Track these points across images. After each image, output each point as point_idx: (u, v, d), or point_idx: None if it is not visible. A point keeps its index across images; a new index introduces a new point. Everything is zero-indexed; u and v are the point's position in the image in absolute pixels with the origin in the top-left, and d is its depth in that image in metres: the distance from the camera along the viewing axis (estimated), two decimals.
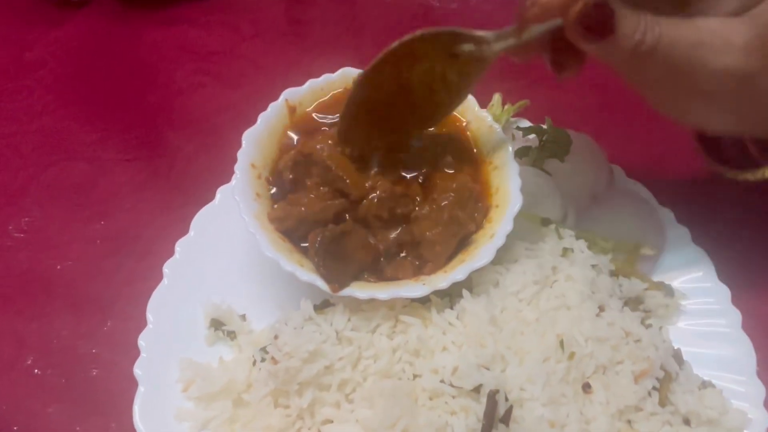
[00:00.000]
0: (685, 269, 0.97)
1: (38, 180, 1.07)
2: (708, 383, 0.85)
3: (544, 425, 0.70)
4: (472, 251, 0.84)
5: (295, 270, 0.79)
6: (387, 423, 0.67)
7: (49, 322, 0.92)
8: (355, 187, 0.84)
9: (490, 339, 0.76)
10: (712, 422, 0.81)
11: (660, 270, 0.98)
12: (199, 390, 0.81)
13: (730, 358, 0.89)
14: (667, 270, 0.97)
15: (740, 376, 0.87)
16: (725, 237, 1.01)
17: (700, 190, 1.09)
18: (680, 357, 0.86)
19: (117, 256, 0.98)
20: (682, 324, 0.93)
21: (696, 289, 0.95)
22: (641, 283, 0.92)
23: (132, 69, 1.22)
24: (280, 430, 0.75)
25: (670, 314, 0.93)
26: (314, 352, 0.76)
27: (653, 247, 0.98)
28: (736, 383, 0.87)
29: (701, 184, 1.10)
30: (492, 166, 0.92)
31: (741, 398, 0.85)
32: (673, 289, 0.94)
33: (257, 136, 0.90)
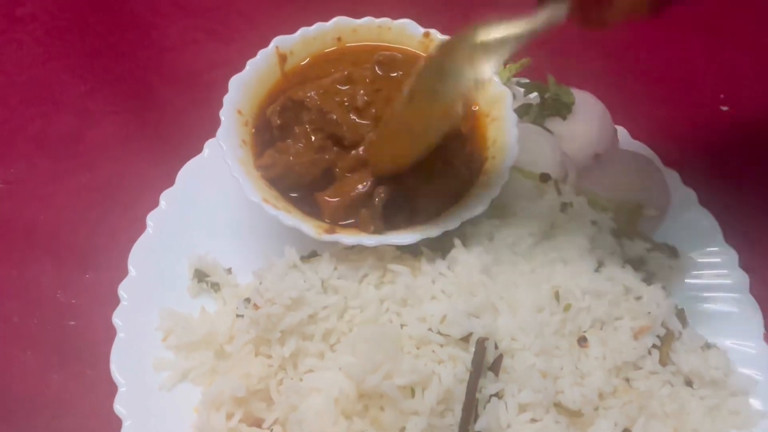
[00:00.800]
0: (691, 231, 0.94)
1: (25, 131, 1.05)
2: (712, 345, 0.81)
3: (535, 375, 0.67)
4: (465, 202, 0.80)
5: (278, 215, 0.76)
6: (369, 368, 0.64)
7: (29, 271, 0.90)
8: (350, 131, 0.81)
9: (482, 289, 0.73)
10: (716, 383, 0.78)
11: (664, 232, 0.94)
12: (179, 339, 0.78)
13: (736, 322, 0.87)
14: (672, 232, 0.94)
15: (747, 340, 0.85)
16: (733, 200, 0.99)
17: (708, 152, 1.06)
18: (684, 317, 0.83)
19: (101, 207, 0.96)
20: (687, 286, 0.89)
21: (702, 251, 0.92)
22: (644, 243, 0.88)
23: (124, 24, 1.19)
24: (261, 379, 0.72)
25: (673, 276, 0.89)
26: (297, 299, 0.73)
27: (657, 208, 0.94)
28: (742, 347, 0.84)
29: (710, 146, 1.07)
30: (490, 119, 0.89)
31: (747, 362, 0.82)
32: (678, 250, 0.90)
33: (245, 82, 0.87)
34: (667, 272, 0.89)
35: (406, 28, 0.94)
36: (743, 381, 0.79)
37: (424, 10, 1.02)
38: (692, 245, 0.92)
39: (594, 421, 0.68)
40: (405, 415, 0.65)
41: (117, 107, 1.07)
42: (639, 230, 0.91)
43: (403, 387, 0.65)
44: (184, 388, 0.78)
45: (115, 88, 1.10)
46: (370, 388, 0.64)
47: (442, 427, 0.65)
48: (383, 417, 0.65)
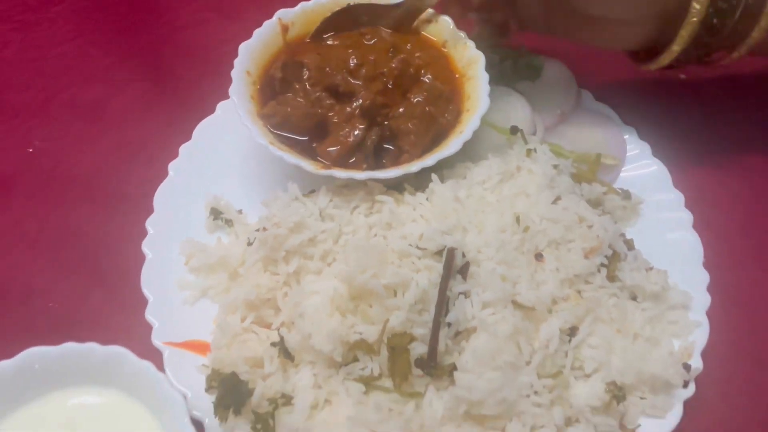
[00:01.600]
0: (644, 178, 1.06)
1: (59, 98, 1.18)
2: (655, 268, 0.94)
3: (496, 279, 0.79)
4: (443, 146, 0.94)
5: (283, 155, 0.90)
6: (358, 270, 0.77)
7: (71, 212, 1.03)
8: (344, 83, 0.94)
9: (454, 213, 0.86)
10: (656, 297, 0.90)
11: (622, 181, 1.07)
12: (198, 262, 0.91)
13: (679, 251, 0.97)
14: (628, 180, 1.06)
15: (687, 266, 0.96)
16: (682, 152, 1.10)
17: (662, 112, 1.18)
18: (631, 244, 0.95)
19: (129, 160, 1.09)
20: (637, 221, 1.01)
21: (653, 194, 1.04)
22: (601, 187, 1.01)
23: (142, 6, 1.32)
24: (269, 289, 0.85)
25: (627, 216, 1.02)
26: (299, 223, 0.86)
27: (614, 157, 1.07)
28: (683, 271, 0.95)
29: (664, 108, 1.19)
30: (466, 78, 1.02)
31: (686, 283, 0.94)
32: (631, 193, 1.03)
33: (252, 47, 1.00)
34: (621, 211, 1.02)
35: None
36: (681, 296, 0.91)
37: None
38: (645, 189, 1.04)
39: (546, 318, 0.81)
40: (389, 311, 0.78)
41: (138, 76, 1.20)
42: (597, 176, 1.04)
43: (387, 286, 0.77)
44: (204, 303, 0.91)
45: (136, 60, 1.23)
46: (360, 286, 0.77)
47: (420, 322, 0.78)
48: (371, 312, 0.78)
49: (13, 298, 0.95)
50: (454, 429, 0.76)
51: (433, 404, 0.76)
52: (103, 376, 0.76)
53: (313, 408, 0.77)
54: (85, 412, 0.75)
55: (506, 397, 0.74)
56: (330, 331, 0.76)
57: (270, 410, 0.77)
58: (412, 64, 1.01)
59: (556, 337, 0.79)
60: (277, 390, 0.78)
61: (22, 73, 1.22)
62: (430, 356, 0.76)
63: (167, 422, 0.74)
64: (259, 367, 0.80)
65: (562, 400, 0.79)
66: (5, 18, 1.30)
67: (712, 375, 0.88)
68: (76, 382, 0.76)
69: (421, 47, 1.05)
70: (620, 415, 0.82)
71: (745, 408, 0.89)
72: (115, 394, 0.76)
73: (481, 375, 0.74)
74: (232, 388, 0.78)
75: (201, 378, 0.82)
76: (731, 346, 0.92)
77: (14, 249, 1.00)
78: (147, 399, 0.75)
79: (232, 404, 0.77)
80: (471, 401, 0.74)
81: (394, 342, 0.76)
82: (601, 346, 0.83)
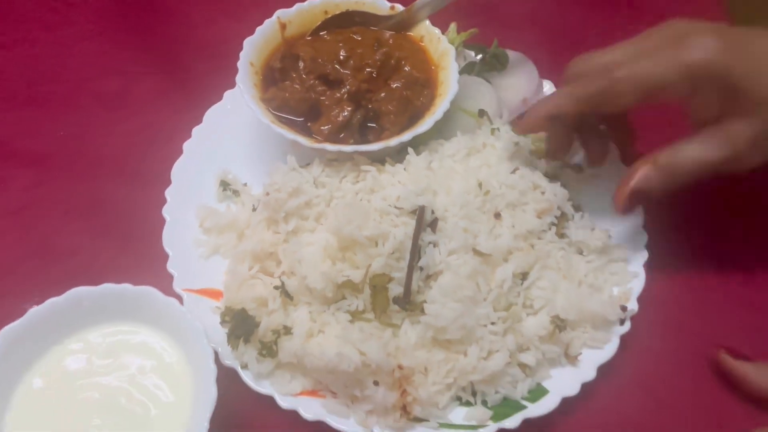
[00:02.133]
0: None
1: (84, 88, 1.33)
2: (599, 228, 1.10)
3: (459, 231, 0.95)
4: (418, 125, 1.10)
5: (282, 132, 1.06)
6: (345, 223, 0.92)
7: (96, 185, 1.19)
8: (334, 72, 1.11)
9: (426, 180, 1.01)
10: (600, 252, 1.05)
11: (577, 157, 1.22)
12: (211, 223, 1.07)
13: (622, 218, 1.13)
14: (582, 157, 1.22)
15: (629, 226, 1.10)
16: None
17: None
18: (579, 207, 1.11)
19: (148, 141, 1.24)
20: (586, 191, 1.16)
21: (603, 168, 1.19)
22: (557, 163, 1.17)
23: (155, 7, 1.47)
24: (272, 244, 1.00)
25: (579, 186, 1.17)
26: (297, 188, 1.01)
27: None
28: (625, 231, 1.08)
29: None
30: (440, 68, 1.18)
31: (628, 241, 1.07)
32: (583, 167, 1.18)
33: (255, 42, 1.16)
34: (575, 182, 1.18)
35: (376, 2, 1.23)
36: (621, 251, 1.07)
37: None
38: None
39: (501, 264, 0.97)
40: (371, 258, 0.93)
41: (155, 69, 1.35)
42: None
43: (370, 238, 0.93)
44: (216, 258, 1.06)
45: (152, 55, 1.38)
46: (347, 237, 0.93)
47: (397, 267, 0.93)
48: (356, 258, 0.94)
49: (54, 255, 1.11)
50: (425, 353, 0.92)
51: (407, 333, 0.92)
52: (135, 311, 0.90)
53: (309, 336, 0.93)
54: (121, 342, 0.91)
55: (466, 324, 0.90)
56: (322, 273, 0.92)
57: (274, 339, 0.93)
58: (393, 56, 1.17)
59: (509, 279, 0.95)
60: (279, 323, 0.94)
61: (51, 67, 1.38)
62: (405, 294, 0.92)
63: (190, 349, 0.89)
64: (264, 306, 0.96)
65: (514, 331, 0.95)
66: (34, 18, 1.46)
67: (646, 316, 1.02)
68: (114, 317, 0.91)
69: (402, 42, 1.22)
70: (565, 345, 0.98)
71: (672, 342, 1.04)
72: (145, 327, 0.91)
73: (444, 305, 0.90)
74: (242, 321, 0.94)
75: (214, 318, 0.98)
76: (664, 293, 1.06)
77: (52, 215, 1.16)
78: (172, 330, 0.90)
79: (242, 335, 0.93)
80: (437, 327, 0.90)
81: (375, 282, 0.92)
82: (549, 288, 0.98)
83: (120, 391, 0.87)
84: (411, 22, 1.21)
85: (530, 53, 1.31)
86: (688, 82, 0.83)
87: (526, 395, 0.95)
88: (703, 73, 0.81)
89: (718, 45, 0.81)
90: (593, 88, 0.90)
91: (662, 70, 0.84)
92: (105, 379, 0.88)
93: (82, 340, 0.91)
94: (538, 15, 1.50)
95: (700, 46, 0.82)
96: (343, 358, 0.86)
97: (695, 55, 0.81)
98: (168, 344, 0.91)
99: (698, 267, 1.12)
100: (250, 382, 0.93)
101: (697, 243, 1.13)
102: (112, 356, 0.90)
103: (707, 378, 1.01)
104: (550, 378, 0.97)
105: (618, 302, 1.01)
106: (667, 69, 0.84)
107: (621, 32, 1.44)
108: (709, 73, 0.82)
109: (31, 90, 1.35)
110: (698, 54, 0.82)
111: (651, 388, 1.00)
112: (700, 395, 0.99)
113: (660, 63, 0.84)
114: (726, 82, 0.81)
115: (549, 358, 0.96)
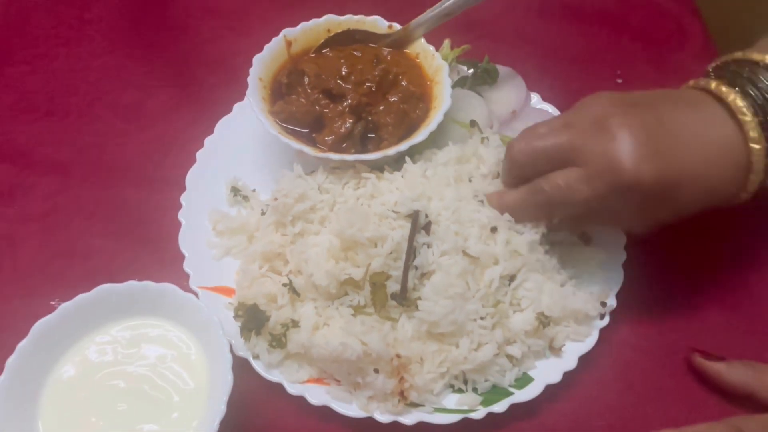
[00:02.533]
0: None
1: (101, 101, 1.41)
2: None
3: (451, 234, 1.03)
4: (414, 135, 1.19)
5: (289, 142, 1.15)
6: (347, 226, 1.01)
7: (116, 191, 1.27)
8: (337, 87, 1.20)
9: (421, 186, 1.10)
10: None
11: None
12: (223, 226, 1.15)
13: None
14: None
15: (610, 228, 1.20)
16: None
17: None
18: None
19: (163, 150, 1.32)
20: None
21: None
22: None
23: (167, 24, 1.55)
24: (280, 245, 1.09)
25: None
26: (302, 194, 1.10)
27: None
28: (606, 233, 1.16)
29: None
30: (434, 83, 1.27)
31: (608, 243, 1.15)
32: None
33: (263, 59, 1.25)
34: None
35: (376, 21, 1.33)
36: (601, 254, 1.16)
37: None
38: None
39: (490, 266, 1.06)
40: (371, 257, 1.01)
41: (168, 83, 1.43)
42: None
43: (370, 239, 1.02)
44: (228, 260, 1.14)
45: (165, 70, 1.46)
46: (349, 238, 1.01)
47: (394, 266, 1.01)
48: (357, 258, 1.02)
49: (77, 256, 1.19)
50: (420, 344, 1.01)
51: (404, 326, 1.01)
52: (157, 307, 0.98)
53: (315, 328, 1.01)
54: (144, 335, 0.99)
55: (457, 319, 0.98)
56: (327, 271, 1.01)
57: (283, 331, 1.01)
58: (391, 72, 1.26)
59: (497, 279, 1.03)
60: (288, 317, 1.03)
61: (70, 81, 1.46)
62: (402, 291, 1.01)
63: (206, 342, 0.97)
64: (274, 302, 1.05)
65: (502, 325, 1.03)
66: (52, 35, 1.54)
67: (624, 311, 1.11)
68: (137, 312, 0.98)
69: (399, 58, 1.30)
70: (549, 339, 1.07)
71: (648, 336, 1.12)
72: (166, 321, 0.99)
73: (436, 302, 0.98)
74: (254, 315, 1.02)
75: (227, 313, 1.06)
76: (642, 291, 1.14)
77: (74, 220, 1.24)
78: (190, 324, 0.98)
79: (253, 328, 1.02)
80: (430, 322, 0.99)
81: (374, 279, 1.01)
82: (534, 288, 1.06)
83: (143, 379, 0.95)
84: (407, 40, 1.30)
85: (519, 67, 1.40)
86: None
87: (513, 383, 1.03)
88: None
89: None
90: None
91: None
92: (129, 368, 0.96)
93: (108, 333, 0.99)
94: (527, 32, 1.59)
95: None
96: (347, 347, 0.95)
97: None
98: (186, 336, 0.99)
99: (673, 268, 1.20)
100: (261, 371, 1.02)
101: (673, 245, 1.20)
102: (135, 347, 0.98)
103: (682, 369, 1.09)
104: (535, 368, 1.05)
105: (598, 299, 1.10)
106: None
107: (605, 45, 1.57)
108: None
109: (52, 103, 1.43)
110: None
111: (629, 378, 1.09)
112: (676, 386, 1.08)
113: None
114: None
115: (534, 350, 1.05)
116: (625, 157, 0.84)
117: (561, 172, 0.91)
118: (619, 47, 1.57)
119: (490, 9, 1.42)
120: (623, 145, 0.84)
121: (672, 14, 1.60)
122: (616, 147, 0.85)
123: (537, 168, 0.95)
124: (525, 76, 1.39)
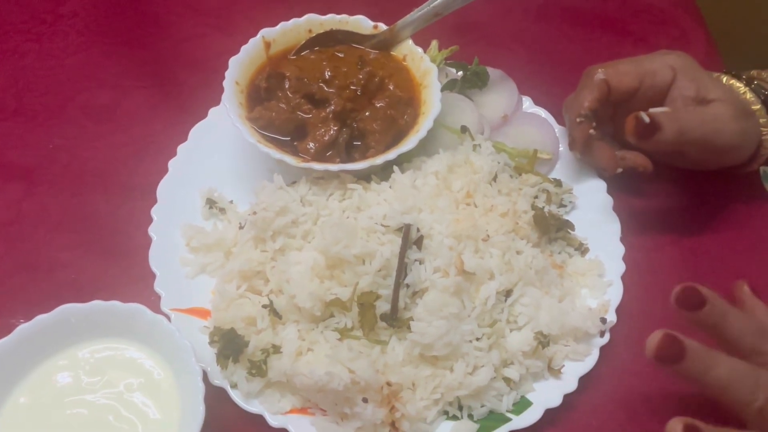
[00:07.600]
0: (574, 170, 1.18)
1: (73, 101, 1.27)
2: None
3: (445, 249, 0.92)
4: (402, 143, 1.06)
5: (269, 151, 1.02)
6: (332, 242, 0.89)
7: (84, 199, 1.13)
8: (319, 91, 1.07)
9: (411, 197, 0.98)
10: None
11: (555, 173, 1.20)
12: (197, 242, 1.01)
13: (598, 227, 1.09)
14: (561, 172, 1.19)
15: (607, 240, 1.08)
16: None
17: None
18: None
19: (134, 156, 1.18)
20: (565, 200, 1.14)
21: (579, 182, 1.17)
22: (535, 176, 1.15)
23: (146, 21, 1.40)
24: (260, 263, 0.96)
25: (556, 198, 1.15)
26: (284, 207, 0.97)
27: (549, 153, 1.21)
28: (603, 245, 1.07)
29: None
30: (422, 87, 1.15)
31: (606, 254, 1.06)
32: (561, 181, 1.16)
33: (240, 61, 1.11)
34: (555, 197, 1.15)
35: (360, 21, 1.19)
36: (599, 266, 1.06)
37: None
38: (574, 179, 1.16)
39: (485, 282, 0.94)
40: (358, 275, 0.89)
41: (143, 83, 1.29)
42: (534, 169, 1.18)
43: (357, 256, 0.89)
44: (203, 278, 1.01)
45: (141, 69, 1.32)
46: (334, 256, 0.89)
47: (384, 284, 0.90)
48: (344, 276, 0.90)
49: (41, 270, 1.05)
50: (412, 369, 0.89)
51: (395, 350, 0.89)
52: (124, 329, 0.86)
53: (298, 354, 0.89)
54: (110, 359, 0.86)
55: (451, 341, 0.87)
56: (311, 291, 0.88)
57: (263, 358, 0.89)
58: (377, 75, 1.13)
59: (493, 296, 0.92)
60: (268, 342, 0.90)
61: (41, 79, 1.31)
62: (392, 311, 0.89)
63: (178, 367, 0.85)
64: (253, 325, 0.92)
65: (498, 346, 0.92)
66: (23, 30, 1.38)
67: (624, 327, 1.01)
68: (102, 334, 0.86)
69: (385, 60, 1.17)
70: (548, 358, 0.96)
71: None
72: (134, 344, 0.87)
73: (430, 323, 0.87)
74: (231, 341, 0.89)
75: (203, 337, 0.93)
76: (641, 304, 1.04)
77: (39, 230, 1.10)
78: (160, 348, 0.86)
79: (231, 354, 0.89)
80: (423, 344, 0.87)
81: (363, 299, 0.89)
82: (531, 304, 0.95)
83: (108, 409, 0.83)
84: (394, 41, 1.17)
85: (510, 70, 1.28)
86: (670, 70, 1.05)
87: (510, 408, 0.92)
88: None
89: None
90: (603, 76, 1.08)
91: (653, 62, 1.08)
92: (93, 396, 0.84)
93: (71, 357, 0.86)
94: (517, 33, 1.46)
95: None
96: (333, 377, 0.83)
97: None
98: (156, 362, 0.86)
99: (672, 280, 1.09)
100: (239, 401, 0.89)
101: (672, 257, 1.12)
102: (100, 373, 0.86)
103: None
104: (533, 391, 0.94)
105: (597, 314, 0.99)
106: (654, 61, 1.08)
107: (596, 51, 1.46)
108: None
109: (20, 102, 1.28)
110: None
111: (629, 400, 0.98)
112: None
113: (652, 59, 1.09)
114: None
115: (533, 372, 0.94)
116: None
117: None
118: (620, 52, 1.45)
119: (480, 10, 1.30)
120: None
121: (676, 21, 1.49)
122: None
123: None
124: (516, 79, 1.27)
